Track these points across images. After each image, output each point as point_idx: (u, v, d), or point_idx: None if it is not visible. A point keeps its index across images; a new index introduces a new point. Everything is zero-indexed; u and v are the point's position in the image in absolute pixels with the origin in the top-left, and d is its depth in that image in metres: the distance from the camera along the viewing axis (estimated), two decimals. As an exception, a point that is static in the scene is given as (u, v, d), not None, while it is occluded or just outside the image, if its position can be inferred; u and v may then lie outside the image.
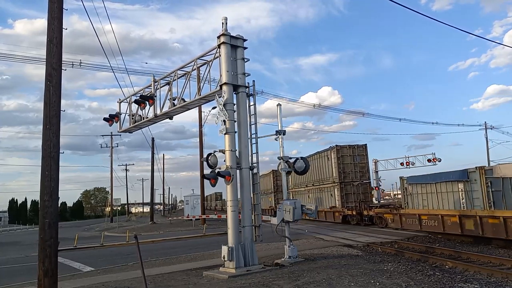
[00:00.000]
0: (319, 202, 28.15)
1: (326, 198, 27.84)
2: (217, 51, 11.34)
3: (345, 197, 25.56)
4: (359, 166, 26.33)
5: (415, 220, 16.90)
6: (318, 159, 29.37)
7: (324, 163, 28.28)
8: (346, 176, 26.03)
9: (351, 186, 25.85)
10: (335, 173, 26.25)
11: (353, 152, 26.50)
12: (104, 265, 13.93)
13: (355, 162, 26.23)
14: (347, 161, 26.25)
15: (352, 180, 25.98)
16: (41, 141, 7.87)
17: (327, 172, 27.59)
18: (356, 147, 26.73)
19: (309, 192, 31.43)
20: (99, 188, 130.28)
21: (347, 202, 25.34)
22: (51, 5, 8.21)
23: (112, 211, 53.67)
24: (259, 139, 11.69)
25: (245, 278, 9.41)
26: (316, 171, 29.50)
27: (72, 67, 27.88)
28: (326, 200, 27.73)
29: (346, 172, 26.08)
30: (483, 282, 8.09)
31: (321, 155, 28.79)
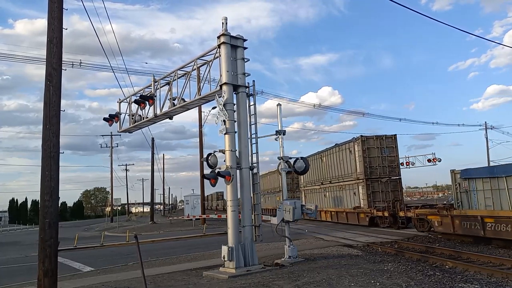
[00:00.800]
0: (338, 202, 25.65)
1: (347, 197, 24.51)
2: (217, 51, 11.33)
3: (371, 195, 22.00)
4: (387, 159, 22.50)
5: (476, 224, 13.72)
6: (338, 153, 25.88)
7: (345, 157, 24.72)
8: (372, 172, 22.34)
9: (379, 183, 22.15)
10: (359, 168, 22.68)
11: (381, 143, 22.63)
12: (104, 265, 13.93)
13: (383, 155, 22.51)
14: (373, 154, 22.51)
15: (380, 176, 22.28)
16: (41, 141, 7.87)
17: (349, 167, 24.04)
18: (384, 138, 22.81)
19: (325, 191, 28.25)
20: (99, 188, 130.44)
21: (374, 201, 21.84)
22: (51, 5, 8.21)
23: (112, 211, 53.67)
24: (259, 139, 11.70)
25: (245, 278, 9.41)
26: (335, 167, 26.24)
27: (72, 67, 27.88)
28: (348, 200, 24.37)
29: (373, 167, 22.38)
30: (484, 282, 8.09)
31: (341, 148, 25.31)
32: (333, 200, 26.45)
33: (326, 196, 28.07)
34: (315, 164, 29.59)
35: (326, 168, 27.80)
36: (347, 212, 24.32)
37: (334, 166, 26.52)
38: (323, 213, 27.74)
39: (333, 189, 26.80)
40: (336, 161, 26.10)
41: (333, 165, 26.62)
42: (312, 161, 29.54)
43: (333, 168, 26.66)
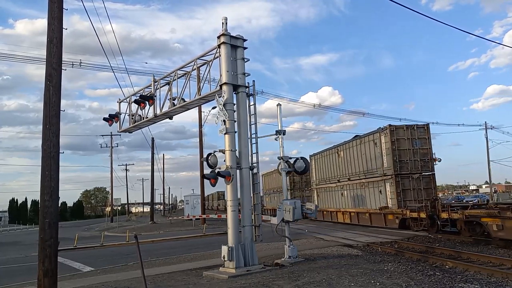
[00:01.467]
0: (359, 202, 22.83)
1: (371, 196, 21.51)
2: (217, 51, 11.33)
3: (402, 194, 19.19)
4: (419, 153, 19.74)
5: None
6: (359, 146, 22.71)
7: (368, 150, 21.58)
8: (402, 167, 19.46)
9: (410, 179, 19.42)
10: (387, 163, 19.81)
11: (412, 134, 19.78)
12: (104, 265, 13.93)
13: (414, 147, 19.67)
14: (403, 146, 19.66)
15: (411, 172, 19.51)
16: (41, 141, 7.87)
17: (374, 162, 20.93)
18: (415, 127, 20.04)
19: (343, 189, 25.19)
20: (99, 188, 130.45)
21: (405, 200, 19.14)
22: (51, 5, 8.21)
23: (112, 211, 53.69)
24: (259, 139, 11.71)
25: (245, 278, 9.41)
26: (355, 162, 23.19)
27: (72, 67, 27.91)
28: (372, 199, 21.44)
29: (403, 161, 19.49)
30: (483, 282, 8.09)
31: (364, 140, 22.28)
32: (353, 200, 23.50)
33: (344, 195, 25.03)
34: (330, 160, 27.15)
35: (344, 163, 24.66)
36: (371, 213, 21.25)
37: (354, 161, 23.29)
38: (340, 214, 25.47)
39: (353, 187, 23.72)
40: (357, 155, 22.89)
41: (353, 160, 23.39)
42: (327, 156, 27.76)
43: (353, 163, 23.47)
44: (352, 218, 23.94)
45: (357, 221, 23.05)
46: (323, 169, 28.10)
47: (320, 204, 28.27)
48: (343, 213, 25.13)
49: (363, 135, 22.56)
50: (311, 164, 29.19)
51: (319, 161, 29.33)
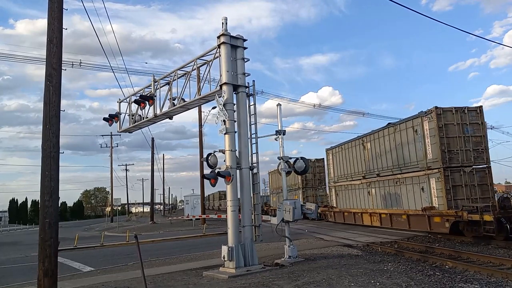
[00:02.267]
0: (392, 201, 19.13)
1: (409, 194, 17.81)
2: (217, 51, 11.33)
3: (452, 191, 15.53)
4: (471, 141, 16.14)
5: None
6: (393, 135, 18.89)
7: (406, 139, 17.90)
8: (452, 158, 15.85)
9: (461, 174, 15.79)
10: (432, 154, 16.24)
11: (462, 119, 16.23)
12: (104, 265, 13.93)
13: (466, 134, 16.14)
14: (453, 133, 16.02)
15: (462, 164, 15.89)
16: (41, 141, 7.87)
17: (414, 153, 17.37)
18: (466, 110, 16.35)
19: (370, 187, 21.37)
20: (99, 188, 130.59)
21: (456, 199, 15.50)
22: (51, 5, 8.21)
23: (112, 211, 53.73)
24: (259, 139, 11.70)
25: (245, 278, 9.41)
26: (387, 154, 19.46)
27: (72, 67, 28.00)
28: (410, 198, 17.75)
29: (453, 151, 15.91)
30: (483, 282, 8.08)
31: (399, 127, 18.42)
32: (384, 199, 19.99)
33: (371, 193, 21.32)
34: (353, 153, 23.42)
35: (372, 156, 21.01)
36: (409, 214, 17.55)
37: (386, 153, 19.65)
38: (366, 216, 21.49)
39: (384, 184, 19.96)
40: (390, 146, 19.27)
41: (385, 152, 19.75)
42: (348, 149, 24.15)
43: (384, 156, 19.78)
44: (383, 220, 19.93)
45: (390, 224, 19.17)
46: (344, 164, 24.64)
47: (340, 204, 25.49)
48: (370, 214, 21.09)
49: (398, 121, 18.79)
50: (328, 159, 27.44)
51: (338, 155, 25.71)
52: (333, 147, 26.96)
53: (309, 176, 33.34)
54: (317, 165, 34.21)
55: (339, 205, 25.58)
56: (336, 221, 25.48)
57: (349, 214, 23.90)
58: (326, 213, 27.83)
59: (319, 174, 33.90)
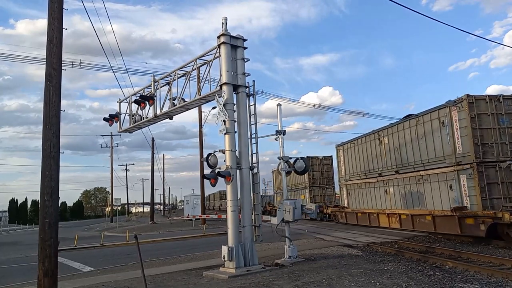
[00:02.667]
0: (414, 201, 17.29)
1: (434, 193, 15.86)
2: (217, 51, 11.34)
3: (487, 189, 13.77)
4: (507, 133, 14.39)
5: None
6: (416, 127, 17.02)
7: (431, 131, 16.03)
8: (486, 153, 14.10)
9: (497, 169, 13.99)
10: (463, 147, 14.43)
11: (497, 108, 14.42)
12: (104, 265, 13.93)
13: (501, 126, 14.35)
14: (486, 124, 14.26)
15: (497, 159, 14.09)
16: (41, 141, 7.87)
17: (440, 147, 15.46)
18: (501, 99, 14.52)
19: (387, 185, 19.52)
20: (99, 188, 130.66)
21: (491, 198, 13.75)
22: (51, 5, 8.22)
23: (112, 211, 53.76)
24: (259, 139, 11.70)
25: (245, 278, 9.41)
26: (409, 149, 17.49)
27: (72, 67, 27.98)
28: (435, 197, 15.83)
29: (486, 144, 14.14)
30: (484, 282, 8.08)
31: (423, 119, 16.51)
32: (403, 198, 18.20)
33: (389, 192, 19.49)
34: (367, 149, 21.47)
35: (390, 152, 19.17)
36: (435, 215, 15.59)
37: (406, 147, 17.83)
38: (383, 217, 19.61)
39: (404, 182, 18.18)
40: (411, 141, 17.45)
41: (405, 146, 17.90)
42: (361, 145, 22.20)
43: (404, 151, 17.99)
44: (403, 222, 18.07)
45: (412, 226, 17.31)
46: (357, 161, 22.70)
47: (352, 204, 23.46)
48: (388, 215, 19.29)
49: (421, 112, 16.85)
50: (338, 156, 25.38)
51: (350, 152, 23.85)
52: (344, 143, 24.93)
53: (316, 175, 32.05)
54: (324, 163, 32.81)
55: (351, 205, 23.62)
56: (348, 222, 23.67)
57: (363, 215, 21.84)
58: (336, 213, 26.07)
59: (327, 172, 32.49)
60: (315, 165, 32.15)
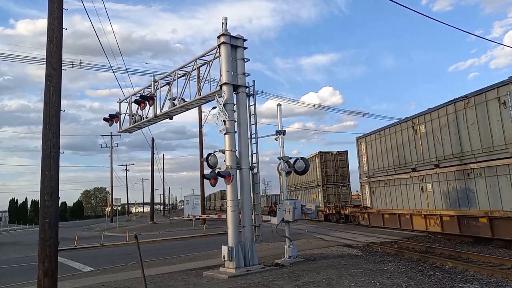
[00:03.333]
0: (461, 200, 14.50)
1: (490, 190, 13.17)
2: (217, 51, 11.34)
3: None
4: None
5: None
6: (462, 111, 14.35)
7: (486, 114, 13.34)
8: None
9: None
10: None
11: None
12: (104, 265, 13.94)
13: None
14: None
15: None
16: (41, 141, 7.87)
17: (498, 133, 12.87)
18: None
19: (423, 181, 16.74)
20: (99, 188, 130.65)
21: None
22: (51, 5, 8.22)
23: (112, 211, 53.76)
24: (259, 139, 11.70)
25: (245, 278, 9.41)
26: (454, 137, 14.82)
27: (72, 67, 28.02)
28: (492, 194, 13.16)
29: None
30: (484, 282, 8.09)
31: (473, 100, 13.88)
32: (446, 197, 15.40)
33: (425, 190, 16.61)
34: (397, 140, 18.53)
35: (427, 142, 16.49)
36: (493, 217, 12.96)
37: (449, 136, 15.03)
38: (418, 219, 16.89)
39: (447, 177, 15.35)
40: (457, 127, 14.62)
41: (448, 135, 15.13)
42: (389, 135, 19.24)
43: (447, 140, 15.19)
44: (446, 224, 15.33)
45: (458, 230, 14.56)
46: (383, 154, 19.73)
47: (377, 204, 20.45)
48: (425, 217, 16.49)
49: (472, 93, 14.08)
50: (360, 150, 22.24)
51: (374, 144, 20.73)
52: (366, 135, 21.92)
53: (330, 172, 28.96)
54: (339, 158, 29.75)
55: (376, 205, 20.57)
56: (372, 225, 20.82)
57: (391, 216, 18.76)
58: (357, 214, 23.18)
59: (342, 169, 29.31)
60: (329, 161, 29.27)
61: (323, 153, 29.31)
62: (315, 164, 29.23)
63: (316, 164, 29.17)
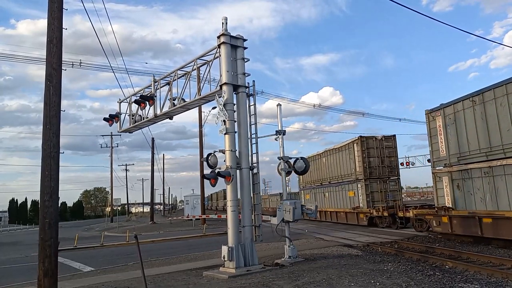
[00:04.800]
0: None
1: None
2: (217, 51, 11.34)
3: None
4: None
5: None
6: None
7: None
8: None
9: None
10: None
11: None
12: (104, 265, 13.94)
13: None
14: None
15: None
16: (41, 141, 7.87)
17: None
18: None
19: None
20: (99, 188, 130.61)
21: None
22: (51, 5, 8.22)
23: (112, 211, 53.76)
24: (259, 139, 11.70)
25: (245, 278, 9.41)
26: None
27: (72, 67, 27.99)
28: None
29: None
30: (483, 282, 8.09)
31: None
32: None
33: None
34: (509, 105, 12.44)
35: None
36: None
37: None
38: None
39: None
40: None
41: None
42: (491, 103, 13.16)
43: None
44: None
45: None
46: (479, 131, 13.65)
47: (464, 203, 14.35)
48: None
49: None
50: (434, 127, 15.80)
51: (461, 117, 14.54)
52: (445, 105, 15.43)
53: (373, 163, 22.42)
54: (385, 145, 22.87)
55: (461, 205, 14.55)
56: (455, 232, 14.72)
57: (499, 221, 12.62)
58: (428, 218, 16.36)
59: (389, 159, 22.70)
60: (372, 148, 22.70)
61: (364, 139, 22.75)
62: (352, 153, 23.26)
63: (354, 152, 23.02)
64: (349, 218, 23.97)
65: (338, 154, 25.29)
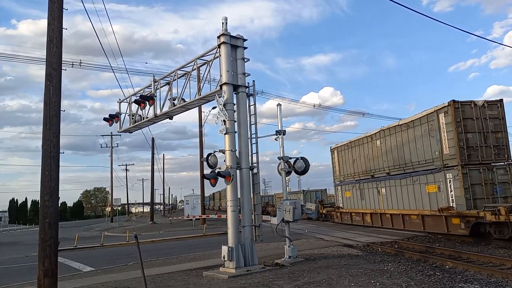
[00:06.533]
0: None
1: None
2: (217, 51, 11.34)
3: None
4: None
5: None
6: None
7: None
8: None
9: None
10: None
11: None
12: (104, 265, 13.94)
13: None
14: None
15: None
16: (41, 141, 7.87)
17: None
18: None
19: None
20: (99, 188, 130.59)
21: None
22: (51, 5, 8.22)
23: (112, 211, 53.81)
24: (260, 139, 11.70)
25: (245, 278, 9.41)
26: None
27: (72, 67, 28.02)
28: None
29: None
30: (483, 282, 8.09)
31: None
32: None
33: None
34: None
35: None
36: None
37: None
38: None
39: None
40: None
41: None
42: None
43: None
44: None
45: None
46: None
47: None
48: None
49: None
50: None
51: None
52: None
53: (472, 140, 14.53)
54: (489, 115, 15.06)
55: None
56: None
57: None
58: None
59: (495, 135, 15.01)
60: (469, 118, 14.77)
61: (459, 104, 14.67)
62: (434, 128, 15.45)
63: (440, 126, 15.15)
64: (431, 225, 15.83)
65: (406, 133, 17.28)
